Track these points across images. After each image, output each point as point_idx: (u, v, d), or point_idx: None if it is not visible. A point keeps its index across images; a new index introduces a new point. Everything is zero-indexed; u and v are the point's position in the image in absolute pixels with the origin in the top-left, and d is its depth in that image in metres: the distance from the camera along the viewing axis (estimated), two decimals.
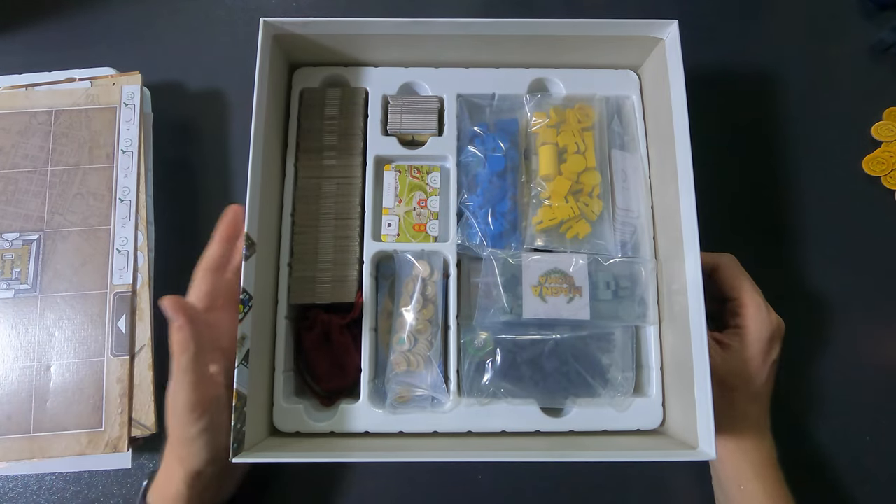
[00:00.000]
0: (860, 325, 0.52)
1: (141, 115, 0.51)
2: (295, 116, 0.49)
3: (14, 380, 0.47)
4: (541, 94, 0.50)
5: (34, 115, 0.52)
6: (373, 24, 0.45)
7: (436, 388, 0.44)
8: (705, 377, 0.39)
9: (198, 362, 0.38)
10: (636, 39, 0.47)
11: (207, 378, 0.39)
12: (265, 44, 0.44)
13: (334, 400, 0.46)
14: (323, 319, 0.46)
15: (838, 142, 0.55)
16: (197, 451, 0.38)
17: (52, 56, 0.56)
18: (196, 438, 0.38)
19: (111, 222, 0.49)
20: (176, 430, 0.39)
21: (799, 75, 0.57)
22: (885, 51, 0.56)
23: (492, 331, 0.45)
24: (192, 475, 0.39)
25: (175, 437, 0.39)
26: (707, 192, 0.42)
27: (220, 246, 0.41)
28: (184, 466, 0.39)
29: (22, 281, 0.48)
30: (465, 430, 0.44)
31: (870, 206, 0.54)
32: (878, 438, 0.49)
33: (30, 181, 0.50)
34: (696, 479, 0.48)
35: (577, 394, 0.45)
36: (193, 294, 0.41)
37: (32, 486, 0.48)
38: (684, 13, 0.46)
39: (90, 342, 0.47)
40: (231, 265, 0.43)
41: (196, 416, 0.37)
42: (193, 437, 0.38)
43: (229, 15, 0.59)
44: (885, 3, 0.57)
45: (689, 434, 0.41)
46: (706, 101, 0.47)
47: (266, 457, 0.39)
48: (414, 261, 0.46)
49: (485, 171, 0.47)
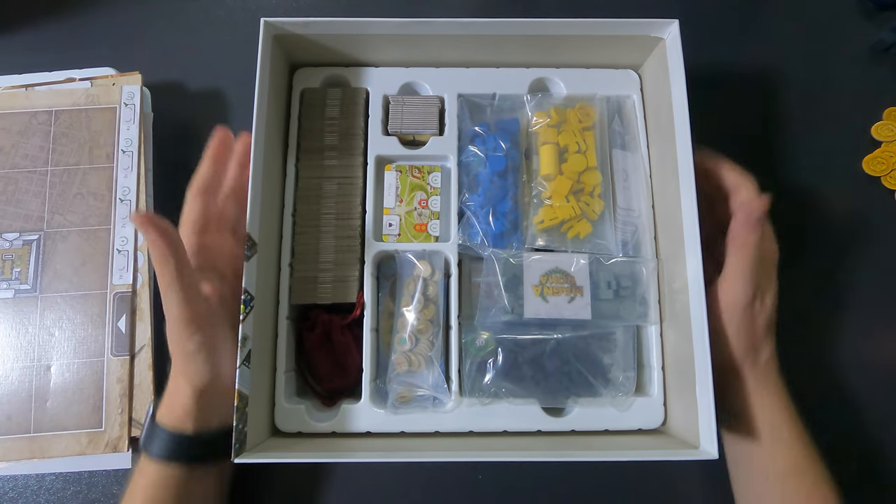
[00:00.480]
0: (860, 325, 0.52)
1: (141, 115, 0.51)
2: (295, 117, 0.49)
3: (14, 380, 0.46)
4: (541, 94, 0.50)
5: (34, 115, 0.51)
6: (373, 24, 0.45)
7: (437, 387, 0.44)
8: (707, 376, 0.39)
9: (182, 278, 0.37)
10: (636, 39, 0.47)
11: (198, 295, 0.38)
12: (265, 44, 0.44)
13: (336, 400, 0.46)
14: (324, 319, 0.46)
15: (838, 142, 0.55)
16: (199, 367, 0.38)
17: (52, 56, 0.56)
18: (195, 354, 0.38)
19: (111, 222, 0.49)
20: (175, 345, 0.39)
21: (799, 75, 0.57)
22: (885, 51, 0.56)
23: (493, 330, 0.45)
24: (197, 392, 0.39)
25: (177, 353, 0.39)
26: None
27: (209, 167, 0.41)
28: (190, 382, 0.39)
29: (22, 281, 0.48)
30: (467, 430, 0.44)
31: (870, 206, 0.54)
32: (879, 438, 0.49)
33: (30, 181, 0.50)
34: (698, 479, 0.48)
35: (579, 393, 0.45)
36: (185, 216, 0.41)
37: (32, 486, 0.48)
38: (684, 13, 0.46)
39: (90, 342, 0.47)
40: (223, 188, 0.43)
41: (190, 332, 0.38)
42: (192, 353, 0.38)
43: (229, 15, 0.59)
44: (885, 3, 0.57)
45: (690, 433, 0.41)
46: (706, 100, 0.47)
47: (268, 457, 0.39)
48: (415, 261, 0.46)
49: (486, 171, 0.47)
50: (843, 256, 0.53)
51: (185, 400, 0.39)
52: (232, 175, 0.44)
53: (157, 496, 0.39)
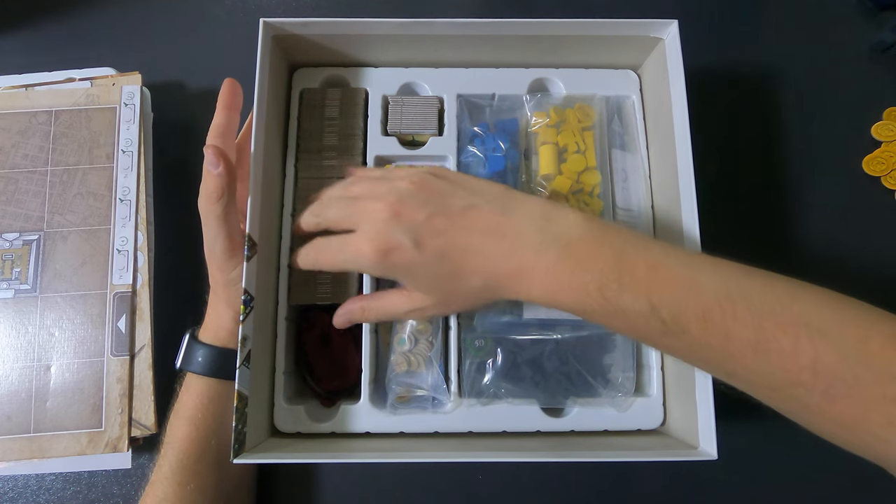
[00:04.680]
0: None
1: (141, 116, 0.51)
2: (295, 117, 0.49)
3: (14, 380, 0.47)
4: (541, 94, 0.50)
5: (34, 115, 0.52)
6: (373, 24, 0.45)
7: (436, 388, 0.44)
8: (706, 377, 0.39)
9: (228, 214, 0.40)
10: (636, 39, 0.47)
11: (238, 229, 0.41)
12: (265, 44, 0.44)
13: (335, 401, 0.46)
14: (323, 320, 0.46)
15: (838, 142, 0.55)
16: (239, 292, 0.40)
17: (52, 56, 0.56)
18: (237, 280, 0.40)
19: (111, 222, 0.49)
20: (218, 275, 0.42)
21: (799, 75, 0.57)
22: (885, 51, 0.56)
23: (492, 331, 0.45)
24: (238, 314, 0.40)
25: (219, 282, 0.43)
26: (707, 192, 0.42)
27: (224, 114, 0.42)
28: (232, 307, 0.43)
29: (22, 281, 0.48)
30: (466, 431, 0.44)
31: (870, 206, 0.54)
32: None
33: (30, 181, 0.50)
34: (697, 479, 0.48)
35: (578, 394, 0.45)
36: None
37: (32, 486, 0.48)
38: (684, 13, 0.46)
39: (90, 342, 0.47)
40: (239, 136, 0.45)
41: (234, 263, 0.41)
42: (235, 280, 0.41)
43: (229, 15, 0.59)
44: (885, 3, 0.57)
45: (689, 434, 0.41)
46: (706, 100, 0.47)
47: (267, 457, 0.39)
48: None
49: (485, 171, 0.47)
50: (842, 257, 0.53)
51: (229, 323, 0.43)
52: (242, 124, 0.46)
53: (206, 405, 0.42)
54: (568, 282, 0.34)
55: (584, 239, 0.35)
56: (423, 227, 0.36)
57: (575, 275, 0.34)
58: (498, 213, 0.36)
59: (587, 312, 0.35)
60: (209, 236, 0.41)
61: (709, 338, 0.32)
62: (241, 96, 0.43)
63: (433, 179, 0.38)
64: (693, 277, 0.33)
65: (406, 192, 0.37)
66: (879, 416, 0.29)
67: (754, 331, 0.31)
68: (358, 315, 0.42)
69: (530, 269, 0.35)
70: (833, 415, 0.30)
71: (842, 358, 0.30)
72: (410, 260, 0.36)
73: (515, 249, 0.35)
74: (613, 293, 0.33)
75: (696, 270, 0.33)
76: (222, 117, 0.42)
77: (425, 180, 0.38)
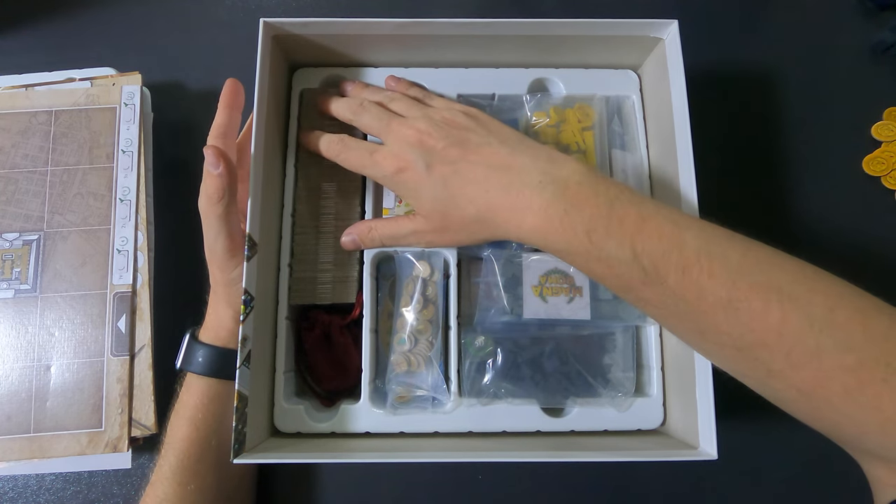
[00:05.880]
0: None
1: (141, 116, 0.51)
2: (295, 117, 0.49)
3: (14, 380, 0.47)
4: (541, 94, 0.50)
5: (34, 115, 0.52)
6: (373, 24, 0.45)
7: (436, 388, 0.44)
8: (706, 377, 0.39)
9: (230, 214, 0.41)
10: (636, 39, 0.47)
11: (238, 230, 0.42)
12: (265, 44, 0.44)
13: (335, 400, 0.46)
14: (323, 320, 0.46)
15: (838, 142, 0.55)
16: (240, 292, 0.40)
17: (52, 56, 0.56)
18: (238, 280, 0.41)
19: (111, 222, 0.49)
20: (219, 275, 0.43)
21: (799, 75, 0.57)
22: (885, 51, 0.56)
23: (492, 331, 0.45)
24: (239, 314, 0.41)
25: (220, 282, 0.43)
26: (707, 192, 0.42)
27: (225, 113, 0.43)
28: (232, 306, 0.43)
29: (22, 281, 0.48)
30: (466, 431, 0.44)
31: (870, 206, 0.54)
32: None
33: (30, 181, 0.50)
34: (697, 479, 0.48)
35: (578, 394, 0.45)
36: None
37: (32, 486, 0.48)
38: (684, 13, 0.46)
39: (90, 342, 0.47)
40: (240, 136, 0.46)
41: (234, 262, 0.42)
42: (235, 279, 0.42)
43: (229, 15, 0.59)
44: (885, 3, 0.57)
45: (689, 434, 0.41)
46: (706, 100, 0.47)
47: (267, 457, 0.39)
48: (414, 261, 0.46)
49: None
50: (842, 257, 0.53)
51: (229, 322, 0.44)
52: (243, 123, 0.47)
53: (207, 405, 0.43)
54: (560, 221, 0.36)
55: (582, 185, 0.36)
56: (438, 154, 0.40)
57: (567, 215, 0.36)
58: (507, 153, 0.39)
59: (572, 254, 0.37)
60: (210, 236, 0.41)
61: (684, 291, 0.33)
62: (243, 96, 0.44)
63: (462, 118, 0.42)
64: (679, 234, 0.34)
65: (435, 123, 0.41)
66: (837, 384, 0.30)
67: (727, 289, 0.32)
68: (365, 234, 0.44)
69: (525, 205, 0.37)
70: (795, 381, 0.31)
71: (807, 324, 0.31)
72: (417, 180, 0.40)
73: (514, 184, 0.37)
74: (600, 237, 0.35)
75: (684, 229, 0.35)
76: (224, 117, 0.43)
77: (455, 117, 0.42)
